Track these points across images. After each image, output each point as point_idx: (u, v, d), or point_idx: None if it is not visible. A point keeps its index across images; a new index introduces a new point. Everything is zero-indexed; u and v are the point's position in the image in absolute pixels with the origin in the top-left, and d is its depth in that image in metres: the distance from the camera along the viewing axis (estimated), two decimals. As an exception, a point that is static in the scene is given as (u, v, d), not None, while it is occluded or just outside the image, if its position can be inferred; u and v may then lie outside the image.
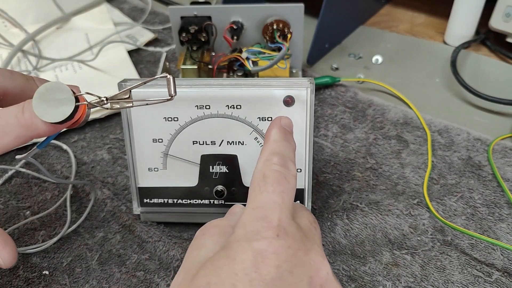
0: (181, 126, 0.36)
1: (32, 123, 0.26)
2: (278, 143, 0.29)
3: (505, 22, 0.57)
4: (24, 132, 0.26)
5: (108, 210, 0.41)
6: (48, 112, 0.26)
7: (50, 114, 0.26)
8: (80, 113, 0.27)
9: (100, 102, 0.28)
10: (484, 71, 0.57)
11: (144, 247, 0.38)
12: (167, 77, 0.27)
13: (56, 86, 0.26)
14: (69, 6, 0.69)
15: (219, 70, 0.49)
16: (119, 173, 0.45)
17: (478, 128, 0.48)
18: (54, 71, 0.58)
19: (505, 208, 0.39)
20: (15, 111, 0.26)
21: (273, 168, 0.27)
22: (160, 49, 0.63)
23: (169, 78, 0.27)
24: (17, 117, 0.26)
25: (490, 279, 0.34)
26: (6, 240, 0.28)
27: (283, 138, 0.30)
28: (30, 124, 0.26)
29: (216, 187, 0.37)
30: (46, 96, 0.26)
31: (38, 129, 0.26)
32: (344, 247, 0.37)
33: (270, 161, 0.28)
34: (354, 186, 0.42)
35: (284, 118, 0.31)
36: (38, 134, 0.27)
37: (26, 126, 0.26)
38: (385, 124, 0.49)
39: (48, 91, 0.26)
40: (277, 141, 0.30)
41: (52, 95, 0.26)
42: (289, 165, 0.28)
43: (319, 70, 0.58)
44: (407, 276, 0.35)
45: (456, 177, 0.43)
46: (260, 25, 0.50)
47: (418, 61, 0.59)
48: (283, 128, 0.30)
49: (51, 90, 0.26)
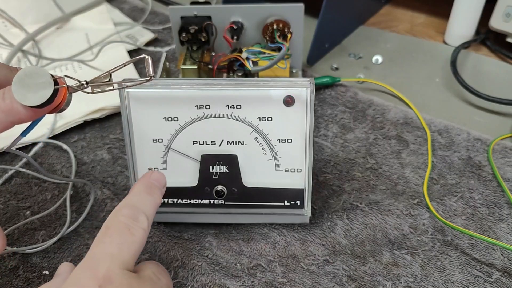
0: (181, 126, 0.36)
1: (13, 107, 0.26)
2: (137, 196, 0.30)
3: (505, 22, 0.57)
4: (4, 117, 0.26)
5: (108, 210, 0.41)
6: (27, 97, 0.26)
7: (30, 98, 0.26)
8: (61, 98, 0.27)
9: (81, 86, 0.28)
10: (484, 71, 0.57)
11: (144, 247, 0.38)
12: (145, 58, 0.28)
13: (35, 71, 0.26)
14: (69, 6, 0.69)
15: (219, 70, 0.49)
16: (119, 173, 0.45)
17: (478, 128, 0.48)
18: (54, 71, 0.58)
19: (505, 208, 0.39)
20: None
21: (119, 219, 0.28)
22: (160, 49, 0.63)
23: (147, 59, 0.28)
24: None
25: (490, 279, 0.34)
26: None
27: (145, 192, 0.30)
28: (10, 109, 0.26)
29: (216, 187, 0.37)
30: (26, 81, 0.26)
31: (19, 113, 0.26)
32: (344, 247, 0.37)
33: (118, 212, 0.28)
34: (354, 186, 0.42)
35: (156, 173, 0.32)
36: (19, 119, 0.27)
37: (6, 111, 0.26)
38: (385, 124, 0.49)
39: (27, 76, 0.26)
40: (136, 194, 0.30)
41: (32, 79, 0.26)
42: (139, 218, 0.28)
43: (319, 70, 0.58)
44: (407, 276, 0.35)
45: (456, 177, 0.43)
46: (260, 25, 0.50)
47: (418, 61, 0.59)
48: (149, 182, 0.31)
49: (30, 74, 0.26)
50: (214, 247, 0.38)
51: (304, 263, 0.36)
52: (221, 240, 0.38)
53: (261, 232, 0.39)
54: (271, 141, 0.36)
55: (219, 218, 0.39)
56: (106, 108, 0.51)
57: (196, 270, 0.36)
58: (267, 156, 0.36)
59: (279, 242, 0.38)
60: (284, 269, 0.36)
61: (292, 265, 0.36)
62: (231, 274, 0.36)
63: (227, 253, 0.37)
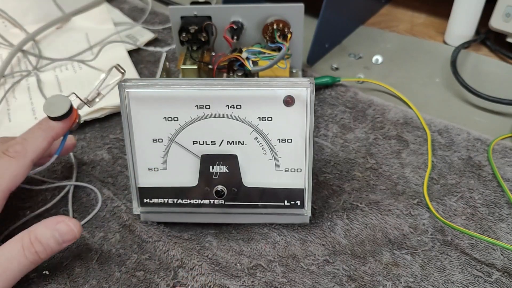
0: (181, 126, 0.36)
1: (49, 125, 0.37)
2: None
3: (505, 22, 0.57)
4: (46, 133, 0.36)
5: (108, 210, 0.41)
6: (54, 111, 0.36)
7: (56, 112, 0.36)
8: (76, 112, 0.37)
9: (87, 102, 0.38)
10: (484, 71, 0.57)
11: (144, 247, 0.38)
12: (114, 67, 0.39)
13: (57, 96, 0.36)
14: (69, 6, 0.69)
15: (219, 70, 0.49)
16: (119, 173, 0.45)
17: (478, 128, 0.48)
18: (54, 71, 0.58)
19: (505, 208, 0.39)
20: (37, 126, 0.37)
21: None
22: (160, 49, 0.63)
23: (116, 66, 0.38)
24: (40, 128, 0.37)
25: (490, 279, 0.34)
26: (70, 218, 0.35)
27: None
28: (47, 127, 0.37)
29: (216, 187, 0.37)
30: (51, 103, 0.36)
31: (54, 127, 0.37)
32: (344, 247, 0.37)
33: None
34: (354, 186, 0.42)
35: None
36: (56, 133, 0.37)
37: (46, 129, 0.37)
38: (385, 124, 0.49)
39: (52, 99, 0.36)
40: None
41: (55, 101, 0.36)
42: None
43: (319, 70, 0.58)
44: (407, 276, 0.35)
45: (456, 177, 0.43)
46: (260, 25, 0.50)
47: (418, 61, 0.59)
48: None
49: (54, 99, 0.36)
50: (214, 247, 0.38)
51: (304, 263, 0.36)
52: (221, 240, 0.38)
53: (261, 232, 0.39)
54: (271, 141, 0.36)
55: (219, 218, 0.39)
56: (106, 108, 0.51)
57: (196, 270, 0.36)
58: (267, 156, 0.36)
59: (279, 242, 0.38)
60: (284, 269, 0.36)
61: (292, 265, 0.36)
62: (231, 274, 0.36)
63: (227, 253, 0.37)
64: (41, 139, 0.36)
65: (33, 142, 0.36)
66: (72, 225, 0.34)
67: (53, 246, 0.34)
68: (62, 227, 0.34)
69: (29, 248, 0.33)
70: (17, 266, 0.32)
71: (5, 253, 0.32)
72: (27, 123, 0.51)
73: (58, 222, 0.34)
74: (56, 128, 0.37)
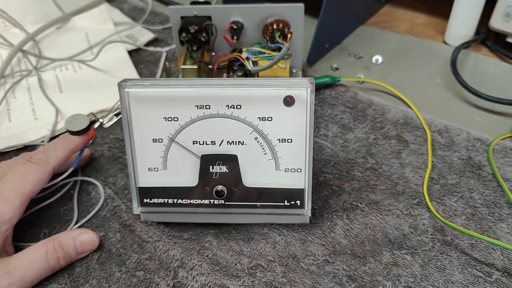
0: (181, 126, 0.36)
1: (69, 138, 0.40)
2: None
3: (505, 22, 0.57)
4: (66, 145, 0.40)
5: (109, 209, 0.41)
6: (74, 127, 0.40)
7: (76, 127, 0.40)
8: (92, 131, 0.41)
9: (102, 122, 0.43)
10: (484, 71, 0.57)
11: (144, 247, 0.38)
12: None
13: (77, 115, 0.41)
14: (69, 6, 0.69)
15: (219, 70, 0.49)
16: (119, 172, 0.45)
17: (478, 128, 0.48)
18: (54, 71, 0.58)
19: (505, 208, 0.39)
20: (58, 139, 0.40)
21: None
22: (160, 49, 0.63)
23: None
24: (61, 141, 0.40)
25: (490, 279, 0.34)
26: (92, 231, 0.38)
27: None
28: (67, 140, 0.40)
29: (216, 187, 0.37)
30: (72, 119, 0.40)
31: (73, 140, 0.40)
32: (344, 247, 0.37)
33: None
34: (354, 186, 0.42)
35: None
36: (75, 146, 0.40)
37: (66, 141, 0.40)
38: (385, 124, 0.49)
39: (73, 117, 0.41)
40: None
41: (76, 118, 0.40)
42: None
43: (319, 70, 0.58)
44: (407, 276, 0.35)
45: (456, 177, 0.43)
46: (260, 25, 0.50)
47: (418, 61, 0.59)
48: None
49: (75, 116, 0.41)
50: (214, 247, 0.38)
51: (304, 263, 0.36)
52: (221, 240, 0.38)
53: (261, 232, 0.39)
54: (271, 141, 0.36)
55: (219, 218, 0.39)
56: (106, 110, 0.51)
57: (196, 270, 0.36)
58: (267, 156, 0.36)
59: (279, 242, 0.38)
60: (284, 269, 0.36)
61: (292, 265, 0.36)
62: (231, 274, 0.36)
63: (227, 253, 0.37)
64: (62, 149, 0.39)
65: (55, 151, 0.39)
66: (94, 237, 0.37)
67: (72, 255, 0.36)
68: (84, 237, 0.37)
69: (52, 253, 0.35)
70: (38, 269, 0.35)
71: (28, 256, 0.35)
72: (27, 123, 0.51)
73: (81, 233, 0.37)
74: (75, 142, 0.40)
